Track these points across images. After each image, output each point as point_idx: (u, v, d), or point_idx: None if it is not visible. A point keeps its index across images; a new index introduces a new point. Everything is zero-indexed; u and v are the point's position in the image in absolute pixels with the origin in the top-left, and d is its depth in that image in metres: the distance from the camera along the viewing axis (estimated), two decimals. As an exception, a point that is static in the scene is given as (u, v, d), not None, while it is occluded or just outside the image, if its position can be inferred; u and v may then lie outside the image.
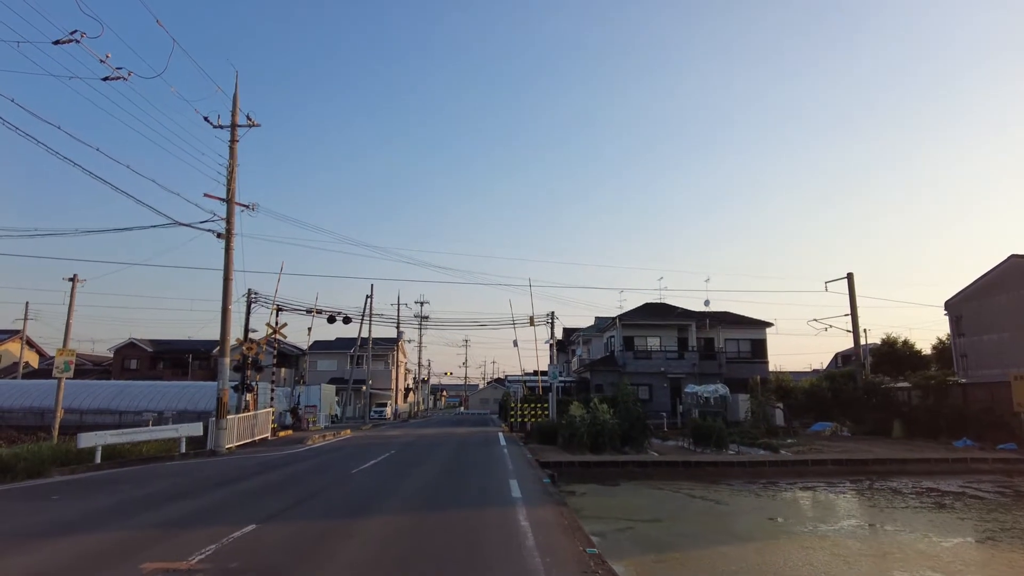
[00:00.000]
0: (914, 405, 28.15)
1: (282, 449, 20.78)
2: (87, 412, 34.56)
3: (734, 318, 45.35)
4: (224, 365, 20.23)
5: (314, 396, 46.66)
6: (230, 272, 20.40)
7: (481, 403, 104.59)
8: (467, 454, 18.82)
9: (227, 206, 20.54)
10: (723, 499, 15.06)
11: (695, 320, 42.57)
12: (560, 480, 17.48)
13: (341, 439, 26.17)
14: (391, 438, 26.18)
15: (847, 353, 78.32)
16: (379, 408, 63.13)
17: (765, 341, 45.10)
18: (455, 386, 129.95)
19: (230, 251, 20.46)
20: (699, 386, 29.70)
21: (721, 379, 42.09)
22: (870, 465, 19.70)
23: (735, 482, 17.90)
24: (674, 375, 41.26)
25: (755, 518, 12.66)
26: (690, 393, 30.22)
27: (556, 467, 18.62)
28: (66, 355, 24.20)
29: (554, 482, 17.20)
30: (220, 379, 20.23)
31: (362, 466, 14.87)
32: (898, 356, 47.89)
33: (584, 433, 20.81)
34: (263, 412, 25.63)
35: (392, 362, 65.46)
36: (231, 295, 20.43)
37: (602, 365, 42.31)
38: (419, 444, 22.51)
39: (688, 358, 41.81)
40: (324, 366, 64.92)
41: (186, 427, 19.15)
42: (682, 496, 15.46)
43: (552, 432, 23.67)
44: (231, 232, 20.46)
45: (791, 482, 17.79)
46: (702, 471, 19.13)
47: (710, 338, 44.01)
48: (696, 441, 23.20)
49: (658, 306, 45.07)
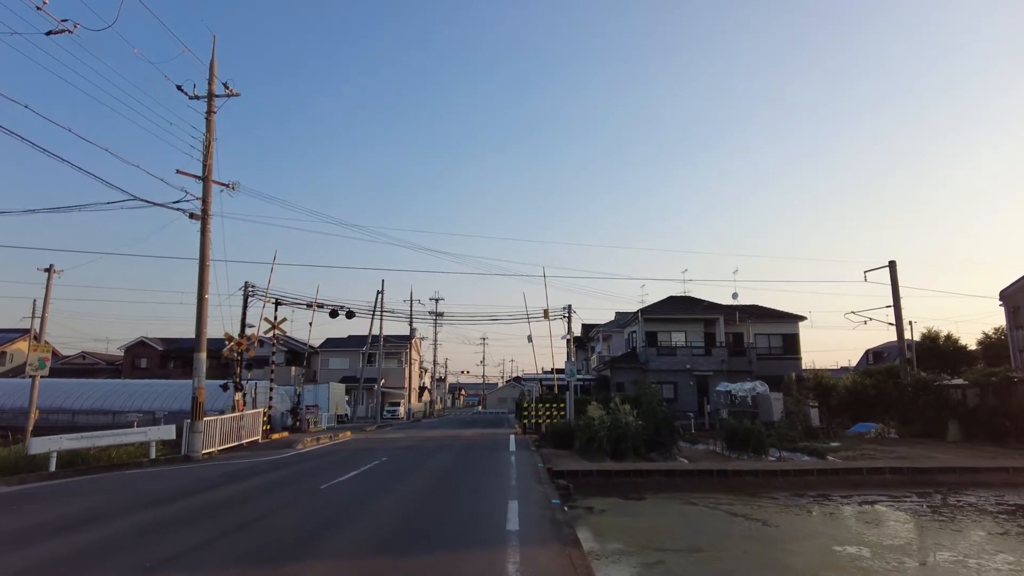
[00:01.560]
0: (972, 405, 25.30)
1: (266, 454, 18.67)
2: (80, 412, 32.93)
3: (764, 312, 42.55)
4: (200, 361, 18.15)
5: (322, 395, 44.75)
6: (206, 257, 18.32)
7: (499, 402, 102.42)
8: (468, 463, 16.51)
9: (203, 184, 18.47)
10: (771, 518, 12.57)
11: (723, 314, 39.88)
12: (576, 493, 15.13)
13: (336, 442, 24.04)
14: (391, 441, 23.96)
15: (879, 350, 74.88)
16: (392, 408, 61.16)
17: (797, 336, 42.29)
18: (474, 385, 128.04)
19: (206, 234, 18.39)
20: (732, 384, 27.07)
21: (751, 376, 39.39)
22: (936, 474, 17.03)
23: (779, 495, 15.38)
24: (700, 372, 38.64)
25: (817, 546, 10.18)
26: (722, 391, 27.62)
27: (571, 477, 16.25)
28: (40, 351, 22.34)
29: (568, 495, 14.89)
30: (195, 377, 18.17)
31: (340, 478, 12.64)
32: (941, 352, 44.62)
33: (604, 437, 18.40)
34: (252, 413, 23.61)
35: (405, 360, 63.41)
36: (208, 282, 18.36)
37: (623, 362, 39.79)
38: (418, 449, 20.26)
39: (716, 354, 39.14)
40: (336, 364, 63.12)
41: (156, 430, 17.11)
42: (720, 514, 13.00)
43: (568, 435, 21.29)
44: (207, 213, 18.38)
45: (846, 495, 15.22)
46: (740, 481, 16.62)
47: (739, 333, 41.30)
48: (730, 445, 20.67)
49: (683, 299, 42.43)
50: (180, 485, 12.36)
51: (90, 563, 6.65)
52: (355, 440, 24.84)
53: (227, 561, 6.57)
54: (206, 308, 18.32)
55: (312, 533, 7.81)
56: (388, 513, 9.14)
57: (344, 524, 8.30)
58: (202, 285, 18.26)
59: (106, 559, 6.81)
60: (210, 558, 6.72)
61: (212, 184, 18.62)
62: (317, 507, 9.50)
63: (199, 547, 7.19)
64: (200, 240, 18.36)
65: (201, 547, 7.19)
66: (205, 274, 18.30)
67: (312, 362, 65.39)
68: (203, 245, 18.34)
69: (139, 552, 7.05)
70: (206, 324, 18.33)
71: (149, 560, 6.63)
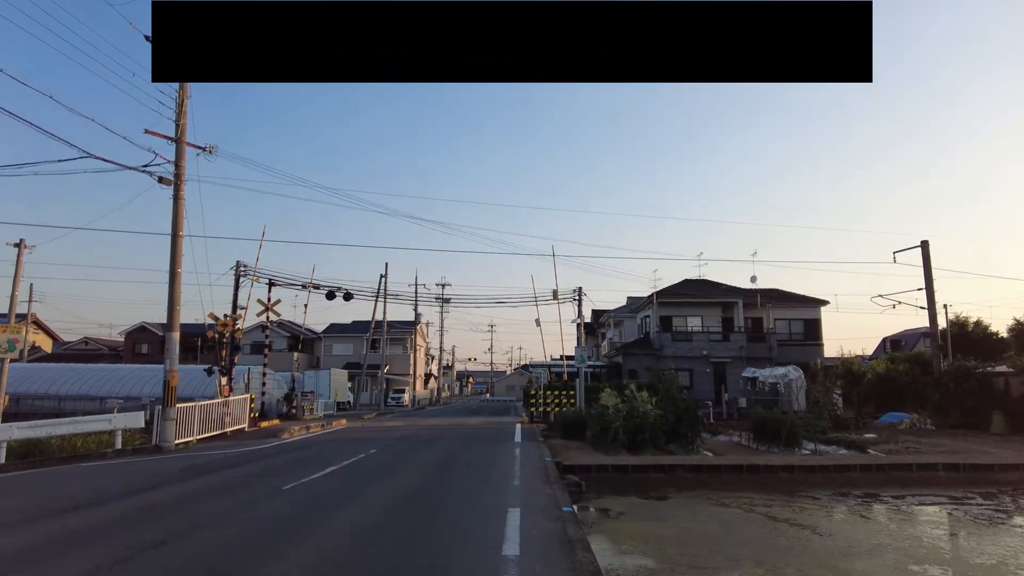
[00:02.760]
0: (1018, 395, 23.28)
1: (245, 444, 16.96)
2: (67, 398, 31.35)
3: (785, 296, 40.41)
4: (172, 342, 16.43)
5: (323, 381, 43.16)
6: (179, 227, 16.55)
7: (507, 390, 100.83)
8: (466, 457, 14.59)
9: (176, 147, 16.66)
10: (819, 524, 10.72)
11: (742, 297, 37.81)
12: (588, 490, 13.32)
13: (327, 432, 22.31)
14: (387, 431, 22.18)
15: (896, 337, 72.30)
16: (396, 395, 59.57)
17: (819, 321, 40.14)
18: (482, 373, 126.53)
19: (179, 201, 16.60)
20: (760, 369, 25.08)
21: (771, 363, 37.36)
22: (996, 471, 15.09)
23: (820, 494, 13.51)
24: (718, 359, 36.64)
25: (888, 563, 8.31)
26: (747, 378, 25.63)
27: (583, 472, 14.45)
28: (10, 332, 20.61)
29: (580, 493, 13.09)
30: (167, 359, 16.45)
31: (311, 476, 10.78)
32: (970, 340, 42.40)
33: (619, 428, 16.56)
34: (239, 399, 21.92)
35: (410, 346, 61.74)
36: (181, 255, 16.59)
37: (636, 348, 37.86)
38: (414, 440, 18.45)
39: (734, 340, 37.10)
40: (339, 350, 61.52)
41: (123, 418, 15.41)
42: (758, 518, 11.16)
43: (579, 425, 19.47)
44: (181, 178, 16.57)
45: (897, 495, 13.34)
46: (774, 478, 14.76)
47: (758, 318, 39.22)
48: (757, 436, 18.77)
49: (699, 282, 40.38)
50: (127, 481, 10.61)
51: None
52: (348, 429, 23.12)
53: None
54: (179, 284, 16.57)
55: (240, 558, 5.84)
56: (351, 528, 7.11)
57: (291, 543, 6.31)
58: (175, 258, 16.49)
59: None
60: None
61: (186, 146, 16.81)
62: (266, 517, 7.59)
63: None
64: (172, 208, 16.57)
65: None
66: (178, 246, 16.53)
67: (315, 348, 63.86)
68: (176, 214, 16.56)
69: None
70: (179, 301, 16.58)
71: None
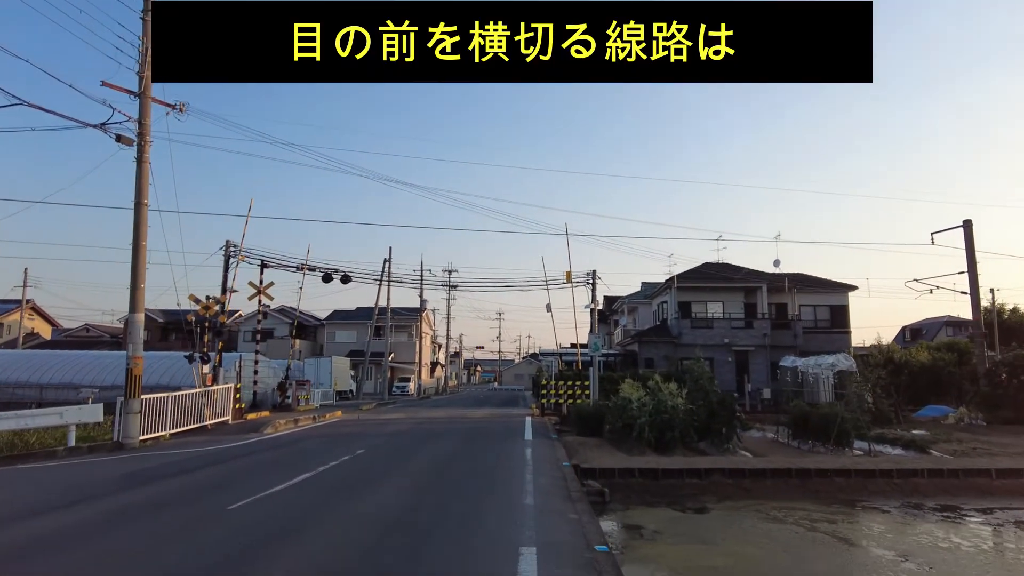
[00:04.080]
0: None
1: (220, 441, 15.00)
2: (48, 387, 29.58)
3: (810, 280, 38.10)
4: (136, 325, 14.44)
5: (324, 369, 41.30)
6: (143, 193, 14.52)
7: (515, 378, 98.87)
8: (468, 460, 12.34)
9: (139, 102, 14.57)
10: (905, 547, 8.61)
11: (766, 282, 35.53)
12: (614, 499, 11.26)
13: (318, 425, 20.30)
14: (382, 424, 20.13)
15: (917, 326, 69.55)
16: (401, 384, 57.70)
17: (847, 308, 37.82)
18: (490, 361, 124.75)
19: (144, 164, 14.55)
20: (800, 358, 22.81)
21: (796, 352, 35.26)
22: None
23: (888, 504, 11.41)
24: (740, 347, 34.46)
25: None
26: (787, 367, 23.34)
27: (606, 477, 12.37)
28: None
29: (604, 503, 11.03)
30: (130, 344, 14.48)
31: (274, 487, 8.54)
32: (1008, 327, 40.09)
33: (645, 424, 14.45)
34: (221, 389, 19.98)
35: (416, 334, 59.78)
36: (145, 226, 14.57)
37: (653, 336, 35.72)
38: (411, 437, 16.35)
39: (757, 327, 34.89)
40: (343, 337, 59.67)
41: (76, 412, 13.43)
42: (824, 538, 9.05)
43: (596, 419, 17.40)
44: (145, 137, 14.51)
45: (982, 507, 11.20)
46: (828, 484, 12.60)
47: (782, 304, 36.96)
48: (797, 433, 16.68)
49: (720, 266, 38.08)
50: (43, 495, 8.53)
51: None
52: (341, 422, 21.11)
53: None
54: (143, 258, 14.54)
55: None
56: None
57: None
58: (138, 230, 14.45)
59: None
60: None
61: (151, 102, 14.72)
62: (183, 554, 5.55)
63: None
64: (136, 172, 14.51)
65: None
66: (142, 216, 14.49)
67: (318, 335, 62.08)
68: (140, 178, 14.51)
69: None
70: (144, 277, 14.56)
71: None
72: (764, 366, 34.55)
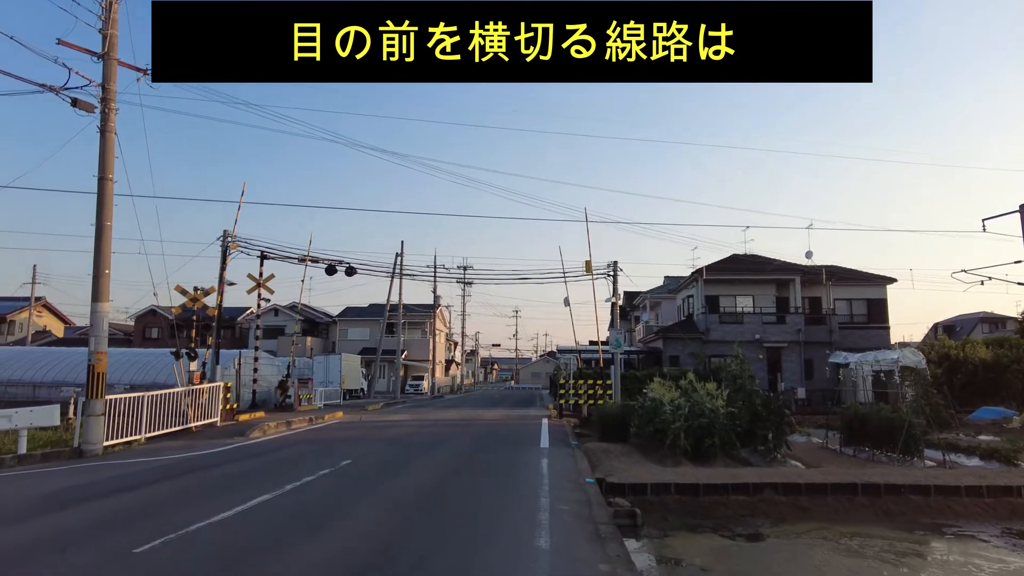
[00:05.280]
0: None
1: (197, 447, 13.29)
2: (41, 385, 28.30)
3: (845, 273, 35.72)
4: (99, 316, 12.74)
5: (333, 367, 39.82)
6: (108, 166, 12.84)
7: (532, 377, 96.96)
8: (471, 477, 10.53)
9: (103, 64, 12.88)
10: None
11: (799, 273, 33.26)
12: (648, 522, 9.32)
13: (312, 428, 18.50)
14: (383, 428, 18.22)
15: (950, 323, 66.30)
16: (415, 382, 56.08)
17: (885, 301, 35.44)
18: (506, 360, 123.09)
19: (108, 135, 12.87)
20: (856, 354, 20.49)
21: (831, 348, 33.01)
22: None
23: (982, 530, 9.38)
24: (772, 344, 32.26)
25: None
26: (838, 364, 21.08)
27: (638, 493, 10.46)
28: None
29: (635, 526, 9.09)
30: (92, 337, 12.78)
31: (216, 515, 6.53)
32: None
33: (680, 430, 12.48)
34: (210, 387, 18.35)
35: (429, 331, 58.08)
36: (110, 203, 12.89)
37: (678, 332, 33.59)
38: (409, 444, 14.38)
39: (790, 322, 32.66)
40: (355, 335, 58.13)
41: (26, 414, 11.74)
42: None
43: (621, 423, 15.45)
44: (110, 104, 12.82)
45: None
46: (903, 503, 10.54)
47: (816, 297, 34.67)
48: (850, 439, 14.61)
49: (749, 258, 35.83)
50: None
51: None
52: (338, 425, 19.31)
53: None
54: (108, 240, 12.84)
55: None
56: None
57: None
58: (102, 208, 12.76)
59: None
60: None
61: (117, 64, 13.03)
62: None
63: None
64: (100, 143, 12.83)
65: None
66: (106, 192, 12.80)
67: (330, 332, 60.67)
68: (104, 151, 12.83)
69: None
70: (108, 263, 12.85)
71: None
72: (798, 364, 32.36)
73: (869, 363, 17.63)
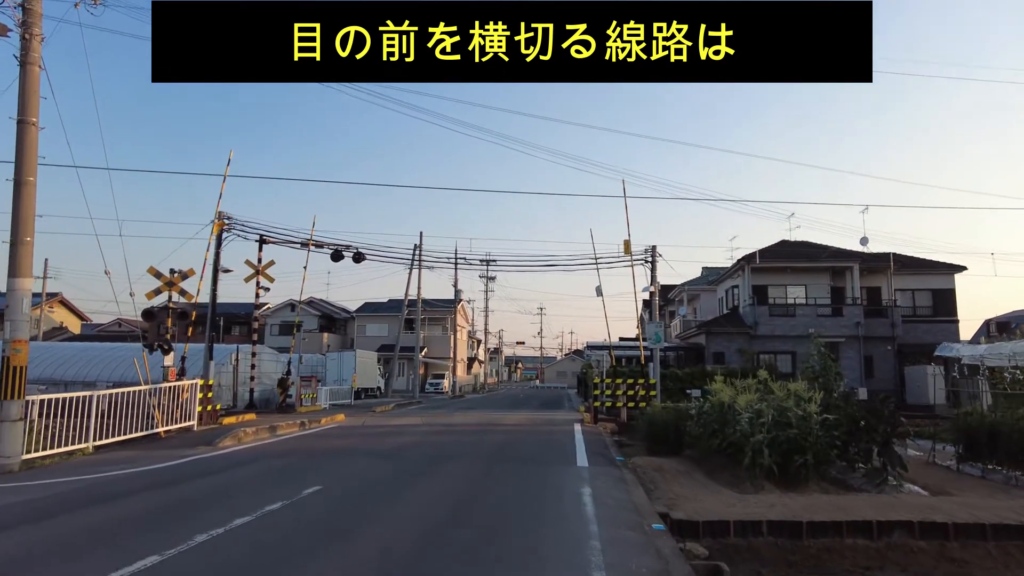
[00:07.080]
0: None
1: (143, 461, 10.61)
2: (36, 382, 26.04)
3: (906, 260, 32.19)
4: (17, 296, 10.12)
5: (347, 365, 37.39)
6: (29, 108, 10.25)
7: (558, 376, 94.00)
8: (481, 512, 7.52)
9: (24, -21, 10.25)
10: None
11: (859, 260, 29.85)
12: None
13: (301, 434, 15.67)
14: (386, 435, 15.27)
15: (1005, 320, 61.48)
16: (435, 380, 53.55)
17: (953, 292, 31.90)
18: (531, 358, 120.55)
19: (29, 68, 10.27)
20: (983, 346, 16.74)
21: (892, 343, 29.64)
22: None
23: None
24: (828, 339, 28.70)
25: None
26: (948, 358, 17.60)
27: (716, 535, 7.51)
28: None
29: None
30: (8, 323, 10.12)
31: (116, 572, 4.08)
32: None
33: (763, 444, 9.43)
34: (188, 384, 15.83)
35: (450, 327, 55.39)
36: (33, 155, 10.29)
37: (724, 325, 30.40)
38: (410, 459, 11.19)
39: (848, 314, 29.32)
40: (373, 331, 55.73)
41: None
42: None
43: (674, 432, 12.44)
44: (32, 30, 10.22)
45: None
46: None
47: (874, 288, 31.27)
48: (971, 455, 11.43)
49: (799, 244, 32.50)
50: None
51: None
52: (334, 431, 16.49)
53: None
54: (32, 198, 10.23)
55: None
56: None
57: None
58: (22, 160, 10.15)
59: None
60: None
61: (43, -20, 10.42)
62: None
63: None
64: (20, 78, 10.24)
65: None
66: (27, 139, 10.17)
67: (348, 328, 58.38)
68: (24, 88, 10.23)
69: None
70: (29, 229, 10.24)
71: None
72: (856, 361, 29.01)
73: (1005, 355, 14.00)
